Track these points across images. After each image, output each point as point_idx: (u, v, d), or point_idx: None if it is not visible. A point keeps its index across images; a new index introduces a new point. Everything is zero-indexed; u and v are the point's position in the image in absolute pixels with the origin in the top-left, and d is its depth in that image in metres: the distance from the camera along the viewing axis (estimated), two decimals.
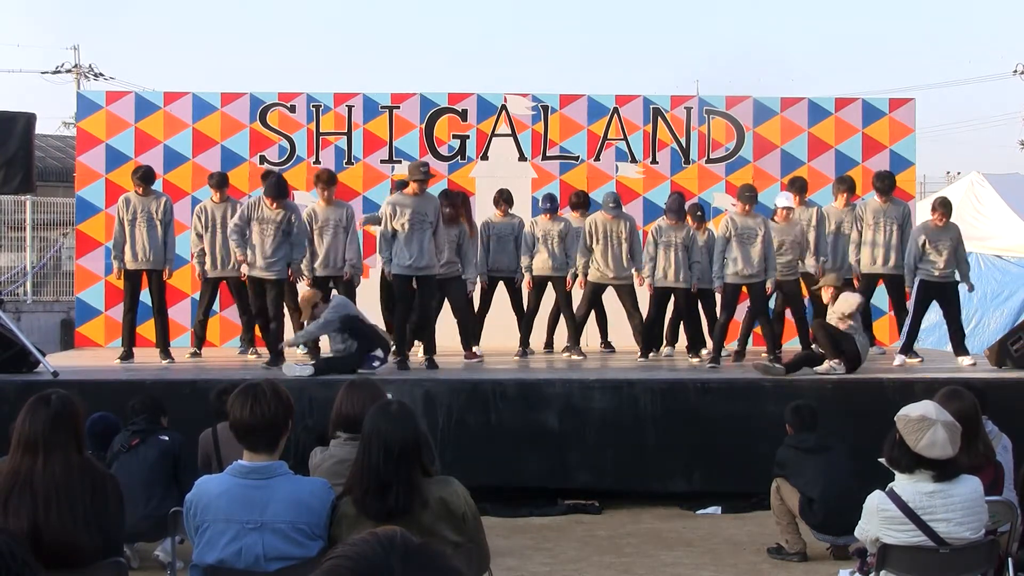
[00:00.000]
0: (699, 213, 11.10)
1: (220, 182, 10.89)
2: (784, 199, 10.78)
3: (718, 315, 10.68)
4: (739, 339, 11.09)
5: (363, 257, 10.99)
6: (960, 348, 10.45)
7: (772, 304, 11.16)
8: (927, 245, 10.32)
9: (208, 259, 10.75)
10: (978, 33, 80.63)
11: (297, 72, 78.40)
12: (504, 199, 11.24)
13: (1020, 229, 15.56)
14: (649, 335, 11.04)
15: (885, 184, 10.99)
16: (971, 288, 10.73)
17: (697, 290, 10.91)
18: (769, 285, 10.41)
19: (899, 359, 10.38)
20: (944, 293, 10.45)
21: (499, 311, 11.23)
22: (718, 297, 10.62)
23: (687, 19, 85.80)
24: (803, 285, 11.02)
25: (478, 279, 10.93)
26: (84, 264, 12.80)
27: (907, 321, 10.61)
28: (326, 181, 10.53)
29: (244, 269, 9.92)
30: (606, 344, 11.90)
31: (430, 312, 10.22)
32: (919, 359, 10.46)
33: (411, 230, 9.71)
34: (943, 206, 10.55)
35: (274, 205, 9.75)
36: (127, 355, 10.48)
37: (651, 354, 11.04)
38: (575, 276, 11.15)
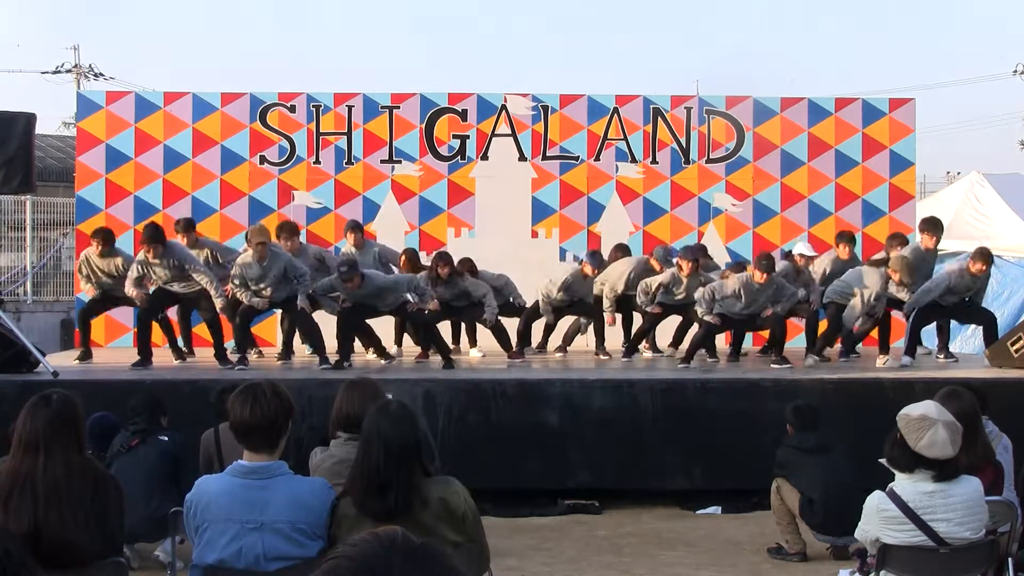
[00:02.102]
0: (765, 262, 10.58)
1: (187, 226, 10.79)
2: (805, 247, 10.85)
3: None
4: (733, 341, 11.11)
5: None
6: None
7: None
8: (950, 288, 10.34)
9: None
10: (978, 33, 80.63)
11: (297, 72, 78.38)
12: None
13: (1020, 229, 15.58)
14: (638, 338, 11.10)
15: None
16: None
17: None
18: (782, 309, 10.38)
19: (905, 359, 10.34)
20: (957, 310, 10.54)
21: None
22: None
23: (687, 19, 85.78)
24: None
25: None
26: None
27: (909, 322, 10.58)
28: (352, 228, 10.96)
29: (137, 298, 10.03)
30: (652, 346, 11.79)
31: (429, 319, 10.33)
32: (911, 358, 10.42)
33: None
34: (983, 257, 10.27)
35: (152, 253, 9.85)
36: (86, 355, 10.59)
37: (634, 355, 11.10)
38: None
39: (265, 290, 9.92)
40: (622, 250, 11.61)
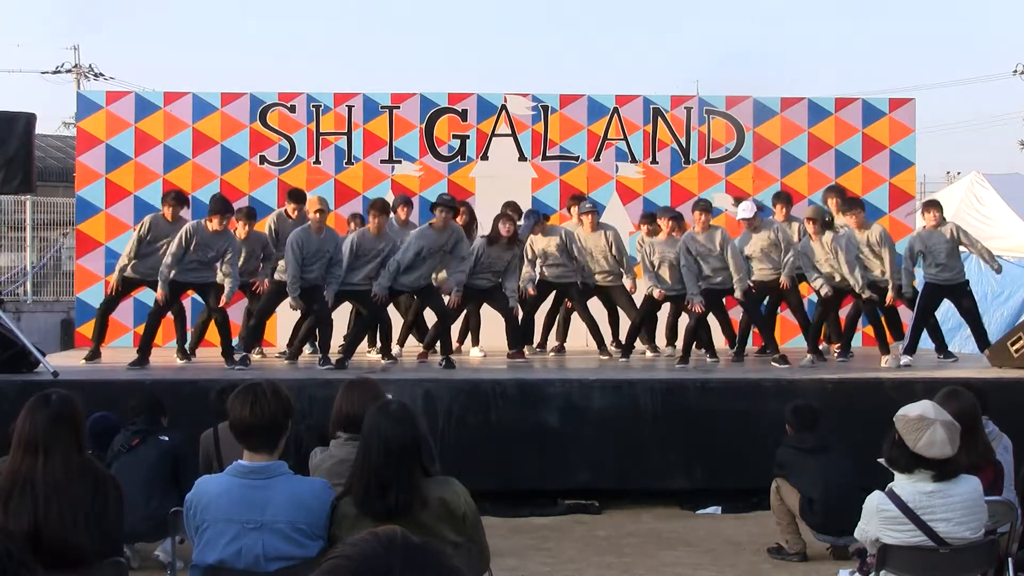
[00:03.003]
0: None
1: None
2: (744, 210, 10.72)
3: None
4: (738, 340, 11.10)
5: None
6: (983, 345, 10.44)
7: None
8: (924, 252, 10.37)
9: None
10: (978, 33, 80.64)
11: (297, 72, 78.42)
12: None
13: (1020, 229, 15.56)
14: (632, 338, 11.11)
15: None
16: (998, 269, 10.61)
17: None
18: (738, 292, 10.30)
19: (905, 359, 10.30)
20: (954, 293, 10.50)
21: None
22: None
23: (687, 19, 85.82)
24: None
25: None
26: (84, 264, 12.79)
27: (912, 320, 10.56)
28: (403, 202, 10.71)
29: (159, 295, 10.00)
30: (618, 343, 11.77)
31: (446, 311, 10.34)
32: (910, 357, 10.40)
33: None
34: (933, 206, 10.55)
35: (219, 226, 9.92)
36: (95, 355, 10.59)
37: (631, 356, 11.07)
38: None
39: (312, 271, 9.86)
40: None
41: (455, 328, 11.45)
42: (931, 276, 10.38)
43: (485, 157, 13.04)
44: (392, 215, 10.81)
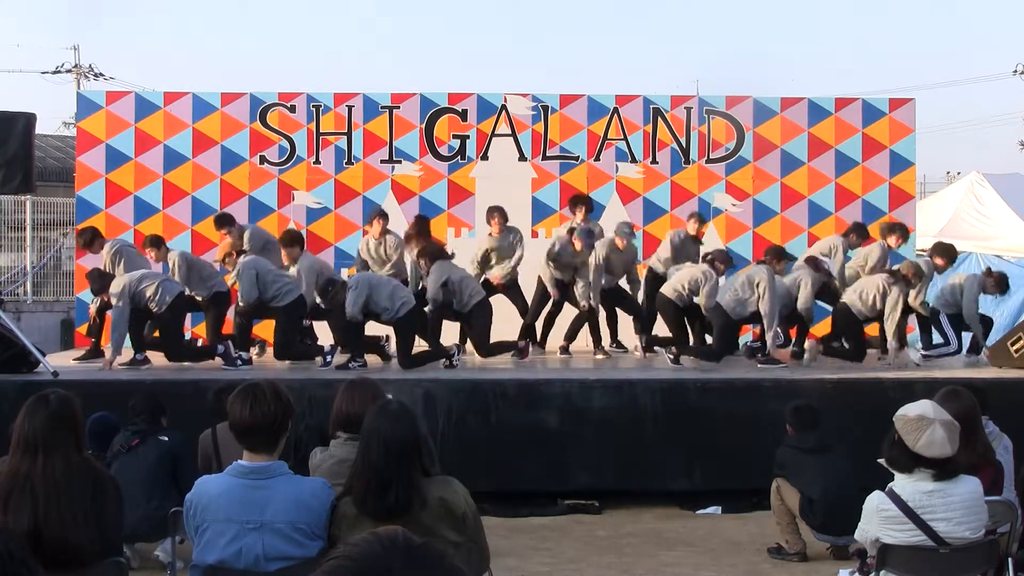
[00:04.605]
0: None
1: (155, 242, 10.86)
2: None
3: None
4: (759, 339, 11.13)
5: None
6: (973, 347, 10.55)
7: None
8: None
9: None
10: (978, 33, 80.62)
11: (297, 72, 78.34)
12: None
13: (1020, 229, 15.58)
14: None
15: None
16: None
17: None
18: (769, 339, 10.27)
19: (916, 355, 10.40)
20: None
21: (503, 313, 11.20)
22: None
23: (687, 19, 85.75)
24: None
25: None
26: (84, 264, 12.78)
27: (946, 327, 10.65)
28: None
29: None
30: (617, 344, 11.81)
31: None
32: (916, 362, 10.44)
33: None
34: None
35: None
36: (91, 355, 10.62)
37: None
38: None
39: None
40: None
41: (455, 330, 11.46)
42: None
43: (485, 157, 13.03)
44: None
